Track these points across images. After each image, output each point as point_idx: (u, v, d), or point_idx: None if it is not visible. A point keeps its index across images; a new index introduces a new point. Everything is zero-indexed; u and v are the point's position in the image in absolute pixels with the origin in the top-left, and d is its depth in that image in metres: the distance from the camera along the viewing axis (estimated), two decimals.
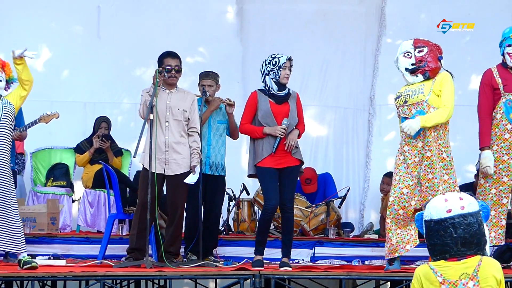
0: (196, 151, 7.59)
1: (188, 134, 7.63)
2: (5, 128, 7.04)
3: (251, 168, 7.40)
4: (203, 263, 7.63)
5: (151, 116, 7.35)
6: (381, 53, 11.08)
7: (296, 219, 8.92)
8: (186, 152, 7.58)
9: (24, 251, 6.96)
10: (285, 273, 7.12)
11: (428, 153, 6.88)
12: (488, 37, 10.10)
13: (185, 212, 7.85)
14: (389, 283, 9.79)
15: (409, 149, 6.98)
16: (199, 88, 8.33)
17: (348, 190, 10.08)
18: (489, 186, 7.25)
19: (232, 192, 9.54)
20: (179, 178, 7.52)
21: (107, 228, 8.32)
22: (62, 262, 7.59)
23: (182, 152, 7.56)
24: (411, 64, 7.01)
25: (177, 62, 7.69)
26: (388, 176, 9.37)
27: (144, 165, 7.53)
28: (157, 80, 7.46)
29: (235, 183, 9.31)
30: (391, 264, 7.10)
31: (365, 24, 11.17)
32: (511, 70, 7.28)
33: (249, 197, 9.75)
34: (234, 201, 9.61)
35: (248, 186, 9.65)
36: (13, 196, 7.00)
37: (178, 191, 7.56)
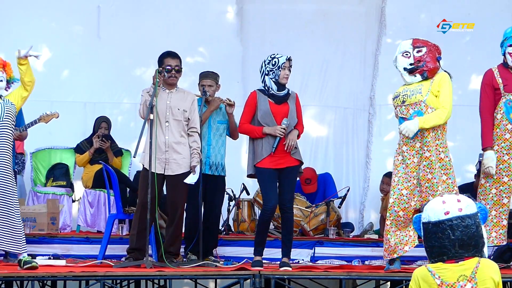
0: (196, 151, 7.59)
1: (188, 134, 7.62)
2: (7, 128, 7.04)
3: (251, 168, 7.39)
4: (203, 263, 7.63)
5: (151, 116, 7.34)
6: (381, 53, 11.07)
7: (296, 219, 8.92)
8: (186, 152, 7.58)
9: (24, 251, 6.96)
10: (285, 273, 7.12)
11: (426, 153, 6.87)
12: (488, 37, 10.12)
13: (185, 212, 7.85)
14: (389, 283, 9.78)
15: (407, 149, 6.96)
16: (199, 88, 8.33)
17: (348, 190, 10.07)
18: (489, 186, 7.25)
19: (232, 192, 9.54)
20: (179, 178, 7.52)
21: (107, 228, 8.32)
22: (62, 262, 7.59)
23: (182, 152, 7.56)
24: (409, 64, 6.99)
25: (177, 62, 7.68)
26: (388, 176, 9.35)
27: (144, 165, 7.53)
28: (157, 80, 7.45)
29: (235, 183, 9.31)
30: (392, 264, 7.10)
31: (365, 24, 11.16)
32: None
33: (249, 197, 9.74)
34: (234, 201, 9.61)
35: (248, 186, 9.64)
36: (15, 196, 7.00)
37: (178, 191, 7.56)
